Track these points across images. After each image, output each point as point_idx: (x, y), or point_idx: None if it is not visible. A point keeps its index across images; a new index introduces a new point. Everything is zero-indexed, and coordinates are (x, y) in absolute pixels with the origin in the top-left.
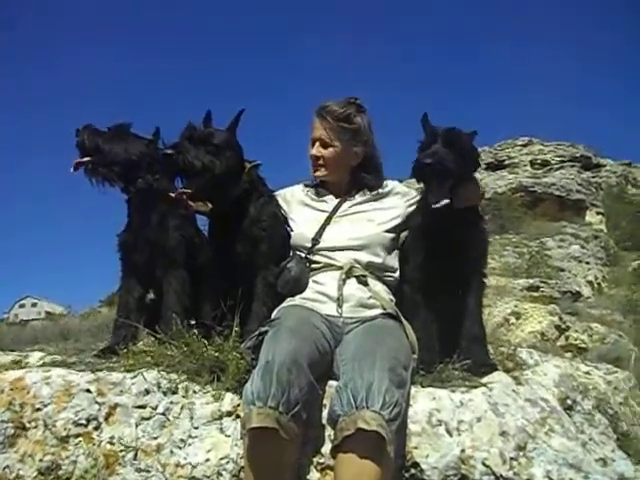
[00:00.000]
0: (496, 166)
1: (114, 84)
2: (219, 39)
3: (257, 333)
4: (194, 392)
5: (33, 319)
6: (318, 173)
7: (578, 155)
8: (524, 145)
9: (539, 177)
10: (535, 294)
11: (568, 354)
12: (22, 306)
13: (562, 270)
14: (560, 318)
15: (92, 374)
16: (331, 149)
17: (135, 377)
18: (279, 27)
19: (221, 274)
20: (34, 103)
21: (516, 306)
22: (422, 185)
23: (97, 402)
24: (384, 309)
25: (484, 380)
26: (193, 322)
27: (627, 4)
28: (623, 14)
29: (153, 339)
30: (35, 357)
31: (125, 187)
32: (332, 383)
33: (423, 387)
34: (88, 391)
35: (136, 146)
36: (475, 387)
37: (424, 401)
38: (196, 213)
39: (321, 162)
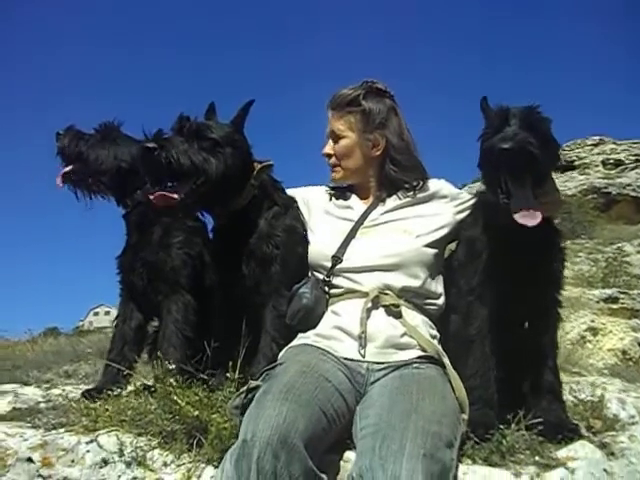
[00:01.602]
0: (565, 167)
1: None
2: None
3: (246, 389)
4: (165, 464)
5: (106, 326)
6: (334, 174)
7: None
8: (595, 145)
9: (612, 177)
10: (614, 306)
11: None
12: (96, 314)
13: None
14: None
15: (39, 437)
16: (342, 141)
17: (91, 442)
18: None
19: (225, 300)
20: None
21: (593, 321)
22: (488, 182)
23: (41, 475)
24: (423, 350)
25: (562, 454)
26: (173, 366)
27: None
28: None
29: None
30: (3, 405)
31: (120, 200)
32: (349, 457)
33: (475, 462)
34: (30, 460)
35: (127, 150)
36: (550, 466)
37: None
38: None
39: (334, 160)
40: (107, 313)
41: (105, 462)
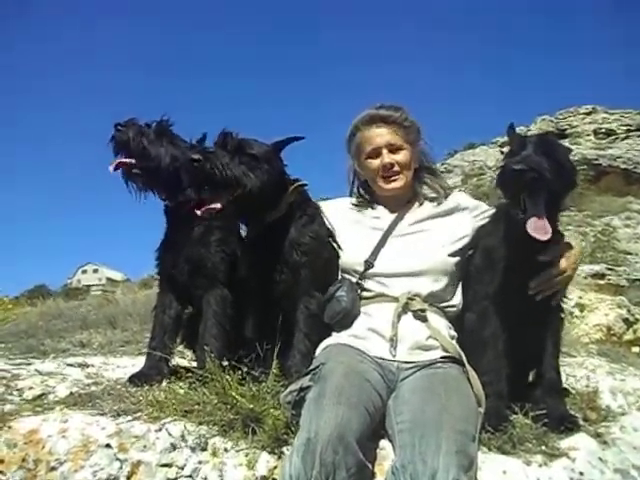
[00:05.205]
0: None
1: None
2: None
3: (298, 388)
4: (225, 450)
5: (94, 284)
6: (395, 184)
7: None
8: (587, 113)
9: (603, 148)
10: (601, 282)
11: (635, 349)
12: (84, 272)
13: (629, 254)
14: (628, 310)
15: (114, 425)
16: (403, 152)
17: (160, 430)
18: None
19: (258, 301)
20: None
21: (580, 297)
22: (505, 199)
23: (118, 459)
24: (445, 351)
25: (565, 444)
26: (226, 363)
27: None
28: None
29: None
30: (61, 390)
31: (167, 197)
32: (384, 445)
33: (490, 450)
34: (108, 446)
35: (181, 152)
36: (554, 456)
37: (493, 475)
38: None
39: (397, 169)
40: (95, 271)
41: (174, 447)
